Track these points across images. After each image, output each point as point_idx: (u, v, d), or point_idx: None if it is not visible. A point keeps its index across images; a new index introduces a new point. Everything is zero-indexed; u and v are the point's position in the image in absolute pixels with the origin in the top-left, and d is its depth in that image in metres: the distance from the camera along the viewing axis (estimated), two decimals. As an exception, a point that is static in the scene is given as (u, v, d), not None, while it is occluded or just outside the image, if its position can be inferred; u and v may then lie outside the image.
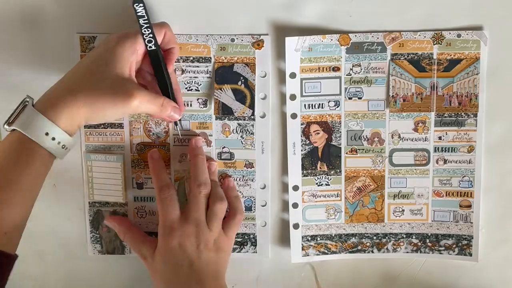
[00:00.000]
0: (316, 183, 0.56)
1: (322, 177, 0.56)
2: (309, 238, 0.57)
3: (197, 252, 0.50)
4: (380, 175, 0.56)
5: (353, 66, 0.54)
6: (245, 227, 0.57)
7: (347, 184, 0.56)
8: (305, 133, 0.55)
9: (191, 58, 0.54)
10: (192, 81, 0.55)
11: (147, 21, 0.48)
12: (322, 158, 0.55)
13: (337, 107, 0.55)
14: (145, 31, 0.48)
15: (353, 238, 0.57)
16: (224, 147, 0.56)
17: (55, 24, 0.55)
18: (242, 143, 0.55)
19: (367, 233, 0.57)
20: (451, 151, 0.55)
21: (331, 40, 0.53)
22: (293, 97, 0.54)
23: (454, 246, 0.56)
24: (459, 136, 0.55)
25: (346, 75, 0.54)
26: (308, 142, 0.55)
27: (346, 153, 0.55)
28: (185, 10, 0.54)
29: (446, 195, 0.56)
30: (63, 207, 0.58)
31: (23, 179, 0.44)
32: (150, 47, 0.49)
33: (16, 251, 0.45)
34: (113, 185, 0.57)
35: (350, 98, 0.54)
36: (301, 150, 0.55)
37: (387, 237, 0.56)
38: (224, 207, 0.53)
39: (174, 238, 0.50)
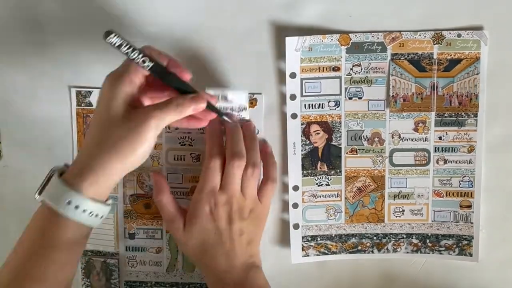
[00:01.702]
0: (316, 183, 0.56)
1: (322, 177, 0.56)
2: (309, 239, 0.57)
3: (229, 221, 0.49)
4: (380, 175, 0.56)
5: (353, 66, 0.54)
6: None
7: (347, 184, 0.56)
8: (305, 133, 0.55)
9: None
10: (185, 137, 0.56)
11: (128, 45, 0.44)
12: (322, 158, 0.55)
13: (337, 107, 0.55)
14: (133, 55, 0.44)
15: (353, 238, 0.57)
16: None
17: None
18: None
19: (367, 233, 0.56)
20: (451, 151, 0.55)
21: (331, 40, 0.53)
22: (293, 97, 0.54)
23: (454, 246, 0.56)
24: (459, 136, 0.55)
25: (346, 75, 0.54)
26: (308, 142, 0.55)
27: (346, 153, 0.55)
28: (185, 10, 0.54)
29: (446, 195, 0.56)
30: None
31: (55, 252, 0.43)
32: (148, 66, 0.45)
33: None
34: (105, 235, 0.57)
35: (350, 98, 0.54)
36: (301, 150, 0.55)
37: (387, 237, 0.56)
38: (256, 172, 0.51)
39: (206, 205, 0.49)
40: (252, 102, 0.55)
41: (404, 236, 0.56)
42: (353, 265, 0.58)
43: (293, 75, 0.54)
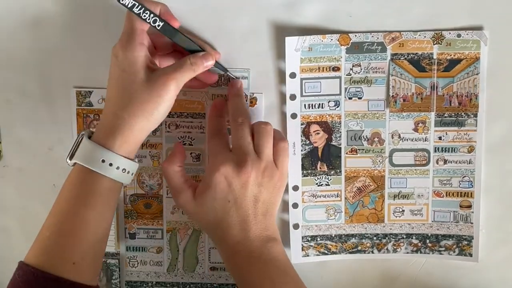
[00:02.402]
0: (316, 183, 0.56)
1: (322, 177, 0.56)
2: (309, 239, 0.56)
3: (243, 185, 0.48)
4: (380, 175, 0.56)
5: (353, 66, 0.54)
6: None
7: (347, 184, 0.56)
8: (305, 133, 0.55)
9: (185, 114, 0.55)
10: (186, 136, 0.56)
11: (139, 5, 0.46)
12: (322, 158, 0.55)
13: (337, 107, 0.55)
14: (144, 15, 0.47)
15: (353, 238, 0.57)
16: None
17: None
18: None
19: (367, 234, 0.56)
20: (451, 151, 0.55)
21: (331, 40, 0.53)
22: (293, 97, 0.54)
23: (454, 246, 0.56)
24: (459, 136, 0.55)
25: (346, 75, 0.54)
26: (308, 142, 0.55)
27: (346, 153, 0.55)
28: (185, 10, 0.54)
29: (446, 195, 0.56)
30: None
31: (90, 209, 0.45)
32: (158, 25, 0.47)
33: (93, 280, 0.46)
34: None
35: (350, 98, 0.54)
36: (301, 150, 0.55)
37: (387, 238, 0.56)
38: (269, 127, 0.50)
39: (221, 174, 0.48)
40: (252, 101, 0.55)
41: (404, 236, 0.56)
42: (353, 265, 0.57)
43: (293, 75, 0.54)
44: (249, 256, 0.47)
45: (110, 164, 0.45)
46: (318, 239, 0.57)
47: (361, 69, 0.54)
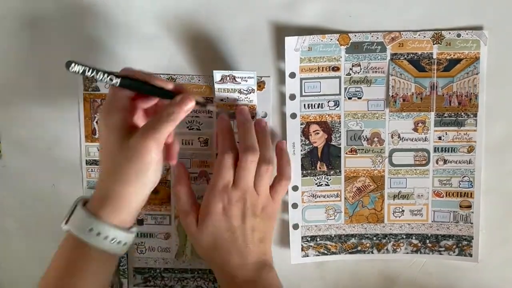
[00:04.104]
0: (316, 183, 0.56)
1: (322, 177, 0.56)
2: (309, 239, 0.56)
3: (242, 218, 0.49)
4: (379, 175, 0.56)
5: (352, 66, 0.54)
6: None
7: (346, 184, 0.56)
8: (305, 133, 0.55)
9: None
10: (193, 121, 0.55)
11: (90, 69, 0.45)
12: (322, 158, 0.55)
13: (337, 107, 0.55)
14: (99, 77, 0.45)
15: (353, 238, 0.56)
16: None
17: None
18: None
19: (367, 234, 0.56)
20: (451, 151, 0.55)
21: (331, 40, 0.53)
22: (292, 97, 0.54)
23: (454, 246, 0.56)
24: (459, 136, 0.54)
25: (346, 75, 0.54)
26: (307, 142, 0.55)
27: (346, 153, 0.55)
28: (185, 10, 0.54)
29: (446, 196, 0.55)
30: (63, 207, 0.58)
31: (78, 279, 0.44)
32: (116, 82, 0.45)
33: None
34: None
35: (349, 98, 0.54)
36: (301, 150, 0.55)
37: (387, 238, 0.56)
38: (270, 170, 0.51)
39: (219, 202, 0.49)
40: (260, 85, 0.54)
41: (404, 237, 0.56)
42: (353, 265, 0.57)
43: (292, 75, 0.54)
44: (246, 281, 0.49)
45: (98, 234, 0.44)
46: (318, 239, 0.57)
47: (360, 69, 0.54)
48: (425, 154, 0.55)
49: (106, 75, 0.45)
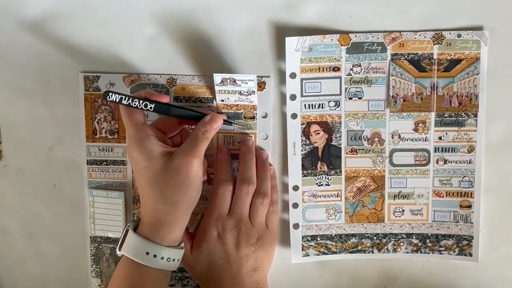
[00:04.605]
0: (316, 183, 0.56)
1: (322, 177, 0.56)
2: (309, 238, 0.57)
3: (236, 246, 0.51)
4: (380, 175, 0.56)
5: (353, 66, 0.54)
6: None
7: (347, 184, 0.56)
8: (305, 133, 0.55)
9: (194, 98, 0.55)
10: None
11: (127, 97, 0.48)
12: (322, 158, 0.55)
13: (337, 107, 0.55)
14: (134, 103, 0.48)
15: (353, 238, 0.57)
16: None
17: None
18: None
19: (367, 233, 0.56)
20: (451, 151, 0.55)
21: (331, 40, 0.53)
22: (293, 97, 0.54)
23: (454, 246, 0.56)
24: (459, 136, 0.55)
25: (346, 75, 0.54)
26: (308, 142, 0.55)
27: (346, 153, 0.55)
28: (185, 10, 0.54)
29: (446, 195, 0.56)
30: (63, 206, 0.58)
31: None
32: (151, 107, 0.49)
33: None
34: (114, 221, 0.57)
35: (350, 98, 0.54)
36: (301, 150, 0.55)
37: (387, 237, 0.56)
38: (265, 202, 0.53)
39: (214, 230, 0.51)
40: (261, 86, 0.55)
41: (404, 236, 0.56)
42: (353, 265, 0.58)
43: (293, 75, 0.54)
44: None
45: (155, 256, 0.47)
46: (318, 239, 0.57)
47: (361, 69, 0.54)
48: (426, 154, 0.55)
49: (141, 101, 0.48)
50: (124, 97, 0.48)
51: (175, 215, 0.47)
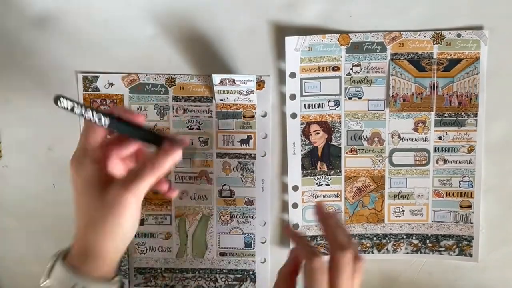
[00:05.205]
0: (316, 183, 0.56)
1: (322, 177, 0.56)
2: (309, 239, 0.56)
3: None
4: (380, 175, 0.56)
5: (353, 66, 0.54)
6: (245, 263, 0.57)
7: (347, 184, 0.56)
8: (305, 133, 0.55)
9: (193, 98, 0.55)
10: (193, 120, 0.56)
11: (79, 105, 0.41)
12: (322, 158, 0.55)
13: (337, 107, 0.55)
14: (87, 115, 0.41)
15: (353, 238, 0.56)
16: (225, 184, 0.56)
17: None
18: (242, 180, 0.56)
19: (367, 234, 0.56)
20: (451, 151, 0.55)
21: (331, 40, 0.53)
22: (293, 96, 0.54)
23: (454, 246, 0.56)
24: (459, 136, 0.55)
25: (346, 75, 0.54)
26: (308, 142, 0.55)
27: (346, 153, 0.55)
28: (185, 10, 0.54)
29: (446, 196, 0.56)
30: (63, 207, 0.58)
31: None
32: (105, 124, 0.41)
33: None
34: None
35: (350, 98, 0.54)
36: (301, 150, 0.55)
37: (387, 238, 0.56)
38: (362, 264, 0.45)
39: None
40: (260, 84, 0.55)
41: (404, 237, 0.56)
42: (353, 265, 0.57)
43: (292, 75, 0.54)
44: None
45: None
46: (318, 239, 0.57)
47: (361, 69, 0.54)
48: (425, 154, 0.55)
49: (95, 113, 0.41)
50: (76, 105, 0.41)
51: (105, 250, 0.42)
